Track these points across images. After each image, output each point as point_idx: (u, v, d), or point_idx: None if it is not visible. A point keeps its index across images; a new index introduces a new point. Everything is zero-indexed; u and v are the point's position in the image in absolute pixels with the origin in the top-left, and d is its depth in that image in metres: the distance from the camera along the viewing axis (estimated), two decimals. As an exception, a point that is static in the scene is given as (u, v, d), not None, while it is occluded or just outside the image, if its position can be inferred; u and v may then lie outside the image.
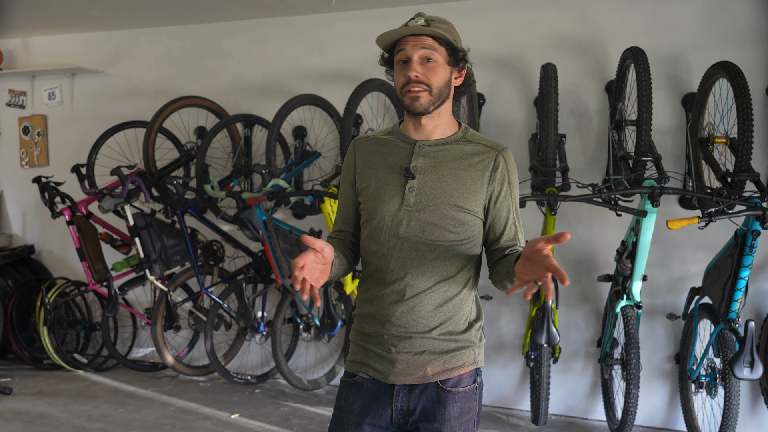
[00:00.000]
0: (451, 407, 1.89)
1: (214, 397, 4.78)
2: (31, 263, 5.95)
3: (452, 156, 1.92)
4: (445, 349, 1.90)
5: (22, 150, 6.11)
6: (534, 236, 4.30)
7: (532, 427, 4.29)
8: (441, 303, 1.90)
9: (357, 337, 2.00)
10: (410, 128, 1.97)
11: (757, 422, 4.07)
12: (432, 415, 1.89)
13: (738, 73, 3.40)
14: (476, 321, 1.96)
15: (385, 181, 1.94)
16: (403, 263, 1.89)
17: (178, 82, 5.51)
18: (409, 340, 1.89)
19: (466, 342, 1.92)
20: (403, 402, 1.91)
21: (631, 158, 3.67)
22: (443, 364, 1.90)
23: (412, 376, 1.90)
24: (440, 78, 1.89)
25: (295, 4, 4.93)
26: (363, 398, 1.94)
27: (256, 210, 4.46)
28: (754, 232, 3.26)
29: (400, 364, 1.89)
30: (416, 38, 1.87)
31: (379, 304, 1.92)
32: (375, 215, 1.93)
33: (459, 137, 1.96)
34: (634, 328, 3.69)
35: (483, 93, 4.65)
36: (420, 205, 1.89)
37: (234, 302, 4.99)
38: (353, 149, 2.05)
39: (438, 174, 1.90)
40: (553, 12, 4.52)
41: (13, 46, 6.07)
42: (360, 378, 1.95)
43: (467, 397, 1.92)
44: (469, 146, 1.94)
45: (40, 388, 4.98)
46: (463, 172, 1.90)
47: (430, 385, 1.90)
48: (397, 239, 1.90)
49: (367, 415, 1.92)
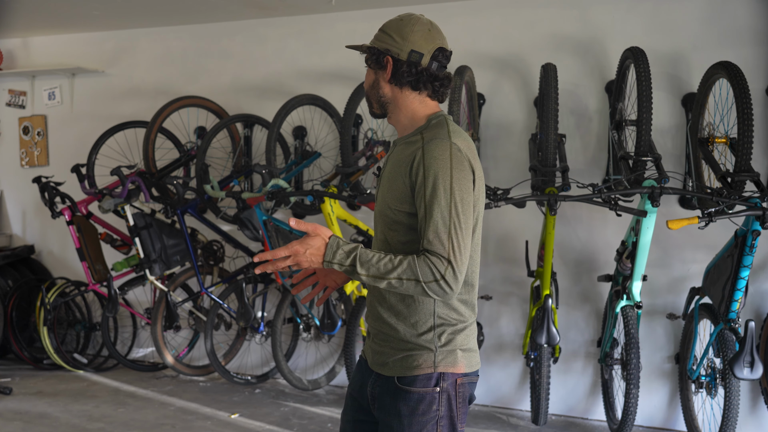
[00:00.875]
0: (402, 405, 1.91)
1: (214, 397, 4.78)
2: (31, 263, 5.95)
3: (395, 154, 1.96)
4: (400, 348, 1.94)
5: (22, 150, 6.11)
6: (536, 237, 4.31)
7: (532, 427, 4.29)
8: (395, 302, 1.94)
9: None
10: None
11: (757, 422, 4.07)
12: (383, 405, 1.96)
13: (738, 73, 3.40)
14: (441, 326, 1.92)
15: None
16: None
17: (178, 82, 5.51)
18: (375, 332, 2.02)
19: (422, 345, 1.91)
20: (372, 387, 2.00)
21: (631, 158, 3.67)
22: (402, 362, 1.93)
23: (376, 365, 2.00)
24: (367, 83, 2.04)
25: (295, 4, 4.93)
26: (358, 371, 2.11)
27: (256, 210, 4.46)
28: (754, 232, 3.26)
29: (373, 353, 2.02)
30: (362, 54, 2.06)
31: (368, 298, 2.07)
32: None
33: (414, 133, 1.95)
34: (634, 328, 3.69)
35: (483, 93, 4.65)
36: (378, 202, 2.01)
37: (234, 302, 4.99)
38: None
39: (385, 173, 1.98)
40: (553, 12, 4.52)
41: (13, 46, 6.07)
42: (362, 356, 2.13)
43: (420, 399, 1.90)
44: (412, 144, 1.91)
45: (40, 388, 4.98)
46: (396, 169, 1.92)
47: (389, 378, 1.95)
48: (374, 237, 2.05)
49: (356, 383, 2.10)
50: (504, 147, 4.63)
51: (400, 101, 1.98)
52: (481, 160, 4.62)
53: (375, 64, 2.00)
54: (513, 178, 4.46)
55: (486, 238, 4.66)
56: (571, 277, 4.50)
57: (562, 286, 4.47)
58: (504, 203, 3.51)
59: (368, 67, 2.02)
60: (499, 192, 3.58)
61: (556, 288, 4.25)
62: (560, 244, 4.44)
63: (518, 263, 4.48)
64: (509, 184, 4.36)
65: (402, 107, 1.99)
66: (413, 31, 1.96)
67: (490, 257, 4.67)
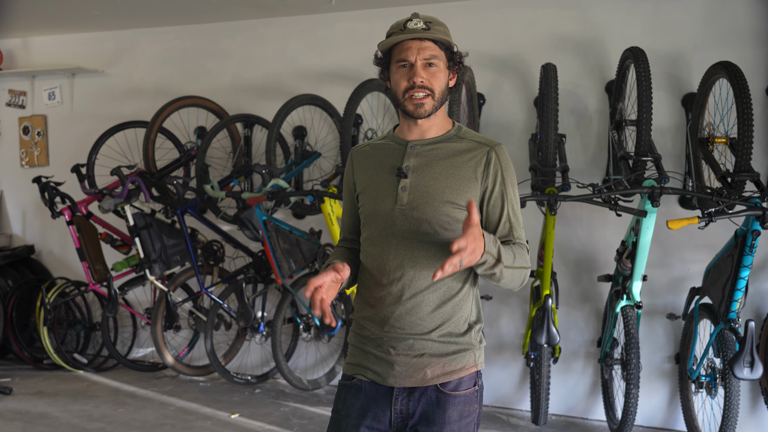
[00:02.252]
0: (451, 411, 1.87)
1: (214, 397, 4.78)
2: (31, 263, 5.95)
3: (444, 154, 1.92)
4: (444, 352, 1.88)
5: (22, 150, 6.11)
6: (534, 236, 4.31)
7: (532, 427, 4.29)
8: (440, 304, 1.87)
9: (355, 340, 1.99)
10: (405, 130, 1.98)
11: (757, 422, 4.07)
12: (431, 418, 1.87)
13: (738, 73, 3.40)
14: (476, 323, 1.93)
15: (379, 183, 1.94)
16: (400, 263, 1.87)
17: (178, 82, 5.51)
18: (408, 341, 1.88)
19: (466, 344, 1.90)
20: (402, 405, 1.89)
21: (631, 158, 3.67)
22: (443, 366, 1.87)
23: (411, 378, 1.87)
24: (442, 82, 1.91)
25: (295, 4, 4.93)
26: (361, 401, 1.92)
27: (256, 210, 4.46)
28: (754, 232, 3.26)
29: (399, 367, 1.88)
30: (419, 42, 1.88)
31: (377, 306, 1.91)
32: (371, 217, 1.94)
33: (452, 135, 1.96)
34: (634, 328, 3.69)
35: (483, 93, 4.65)
36: (413, 204, 1.88)
37: (234, 302, 4.99)
38: (351, 159, 2.07)
39: (430, 172, 1.89)
40: (553, 12, 4.52)
41: (13, 46, 6.07)
42: (358, 380, 1.94)
43: (467, 401, 1.89)
44: (461, 143, 1.93)
45: (40, 388, 4.98)
46: (455, 169, 1.89)
47: (429, 388, 1.87)
48: (393, 239, 1.89)
49: (365, 418, 1.90)
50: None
51: (444, 105, 1.98)
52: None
53: (452, 64, 1.94)
54: (513, 178, 4.45)
55: (486, 238, 4.67)
56: (571, 277, 4.50)
57: (562, 286, 4.47)
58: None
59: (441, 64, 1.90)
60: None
61: (556, 288, 4.25)
62: (560, 244, 4.44)
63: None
64: (509, 184, 4.36)
65: (442, 110, 1.98)
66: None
67: (490, 257, 4.66)
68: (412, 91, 1.88)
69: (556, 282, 4.25)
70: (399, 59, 1.90)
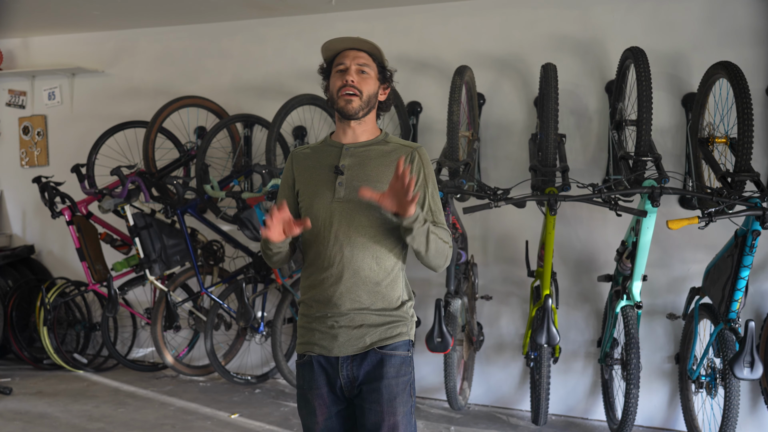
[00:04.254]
0: (389, 367, 2.16)
1: (214, 397, 4.78)
2: (31, 263, 5.95)
3: (375, 154, 2.25)
4: (380, 322, 2.18)
5: (22, 150, 6.11)
6: (536, 237, 4.31)
7: (532, 427, 4.29)
8: (376, 283, 2.17)
9: (303, 320, 2.27)
10: (340, 134, 2.29)
11: (757, 422, 4.07)
12: (372, 376, 2.17)
13: (738, 73, 3.40)
14: (408, 300, 2.25)
15: (318, 180, 2.24)
16: (339, 248, 2.16)
17: (178, 82, 5.51)
18: (349, 315, 2.17)
19: (399, 317, 2.21)
20: (348, 371, 2.18)
21: (631, 158, 3.67)
22: (380, 334, 2.18)
23: (353, 347, 2.17)
24: (370, 88, 2.24)
25: (295, 4, 4.93)
26: (316, 373, 2.21)
27: (256, 210, 4.46)
28: (754, 232, 3.26)
29: (342, 338, 2.17)
30: (355, 52, 2.24)
31: (320, 288, 2.19)
32: (311, 209, 2.22)
33: (380, 140, 2.29)
34: (634, 328, 3.69)
35: (483, 93, 4.65)
36: (349, 197, 2.18)
37: (234, 302, 4.99)
38: (291, 159, 2.35)
39: (363, 169, 2.22)
40: (553, 12, 4.52)
41: (13, 46, 6.07)
42: (308, 357, 2.23)
43: (402, 362, 2.20)
44: (388, 146, 2.27)
45: (40, 388, 4.98)
46: (384, 167, 2.22)
47: (370, 352, 2.17)
48: (332, 227, 2.18)
49: (322, 386, 2.21)
50: (504, 147, 4.63)
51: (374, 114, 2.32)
52: (481, 160, 4.63)
53: (382, 79, 2.28)
54: (513, 178, 4.46)
55: (486, 238, 4.67)
56: (571, 277, 4.50)
57: (562, 286, 4.47)
58: (504, 203, 3.51)
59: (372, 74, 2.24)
60: (499, 192, 3.58)
61: (556, 288, 4.25)
62: (560, 244, 4.44)
63: (518, 263, 4.48)
64: (509, 184, 4.36)
65: (372, 119, 2.31)
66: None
67: (490, 257, 4.67)
68: (344, 89, 2.20)
69: (556, 282, 4.24)
70: (337, 64, 2.24)
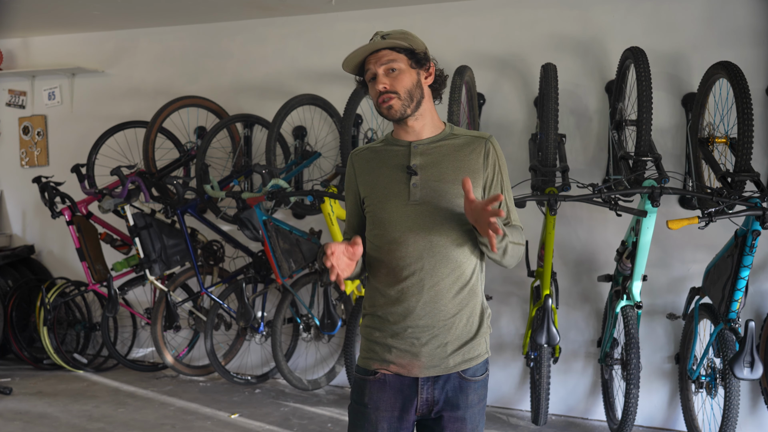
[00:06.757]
0: (472, 395, 2.02)
1: (214, 397, 4.78)
2: (31, 263, 5.95)
3: (447, 150, 2.05)
4: (465, 340, 2.01)
5: (22, 150, 6.11)
6: (534, 236, 4.31)
7: (532, 427, 4.29)
8: (458, 289, 1.99)
9: (373, 335, 2.06)
10: (401, 133, 2.10)
11: (757, 422, 4.07)
12: (456, 403, 2.01)
13: (738, 73, 3.40)
14: (486, 308, 2.08)
15: (387, 182, 2.05)
16: (419, 256, 1.97)
17: (178, 82, 5.51)
18: (432, 330, 1.99)
19: (481, 333, 2.04)
20: (428, 393, 2.01)
21: (631, 158, 3.67)
22: (463, 355, 2.01)
23: (436, 368, 2.00)
24: (406, 82, 2.02)
25: (295, 4, 4.93)
26: (388, 393, 2.03)
27: (256, 210, 4.46)
28: (754, 232, 3.26)
29: (425, 358, 1.99)
30: (376, 54, 2.04)
31: (400, 299, 2.00)
32: (383, 215, 2.03)
33: (448, 133, 2.10)
34: (634, 328, 3.69)
35: (483, 93, 4.65)
36: (426, 198, 2.00)
37: (234, 302, 4.99)
38: (351, 162, 2.17)
39: (439, 169, 2.02)
40: (553, 12, 4.52)
41: (13, 46, 6.07)
42: (382, 374, 2.04)
43: (482, 385, 2.06)
44: (458, 140, 2.07)
45: (40, 388, 4.98)
46: (460, 163, 2.03)
47: (452, 375, 2.01)
48: (409, 233, 1.99)
49: (395, 409, 2.02)
50: (504, 147, 4.62)
51: (429, 104, 2.09)
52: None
53: (417, 64, 2.05)
54: (513, 178, 4.43)
55: (486, 238, 4.67)
56: (571, 277, 4.50)
57: (562, 286, 4.47)
58: (504, 203, 3.51)
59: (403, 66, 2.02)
60: (499, 192, 3.57)
61: (556, 288, 4.25)
62: (560, 244, 4.44)
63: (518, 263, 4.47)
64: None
65: (430, 109, 2.09)
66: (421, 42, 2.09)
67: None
68: (380, 98, 2.02)
69: (556, 282, 4.25)
70: (368, 77, 2.07)
